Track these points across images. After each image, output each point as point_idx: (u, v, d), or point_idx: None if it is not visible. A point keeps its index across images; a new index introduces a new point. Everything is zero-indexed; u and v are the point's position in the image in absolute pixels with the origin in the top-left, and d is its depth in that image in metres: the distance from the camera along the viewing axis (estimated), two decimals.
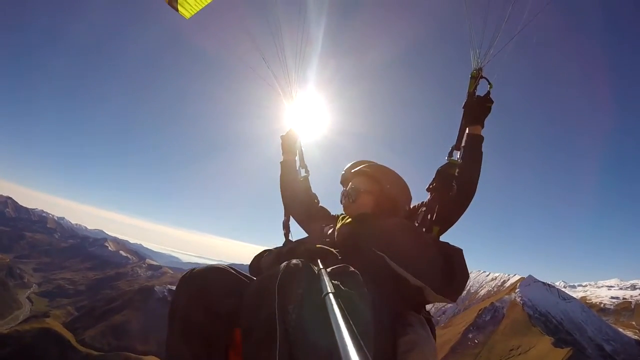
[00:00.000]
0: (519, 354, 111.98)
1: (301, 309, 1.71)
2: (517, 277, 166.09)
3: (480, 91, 3.21)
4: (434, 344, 2.36)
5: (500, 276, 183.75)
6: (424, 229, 2.93)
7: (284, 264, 1.92)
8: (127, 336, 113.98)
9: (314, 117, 4.25)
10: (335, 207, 3.58)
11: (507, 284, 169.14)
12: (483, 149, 3.06)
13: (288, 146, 3.80)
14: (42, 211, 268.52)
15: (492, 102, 3.11)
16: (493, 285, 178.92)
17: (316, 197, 3.72)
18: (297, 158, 3.85)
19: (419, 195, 3.35)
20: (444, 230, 2.93)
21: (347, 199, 3.09)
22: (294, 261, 1.93)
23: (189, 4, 3.99)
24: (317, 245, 2.41)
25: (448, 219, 2.97)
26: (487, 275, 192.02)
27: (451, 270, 2.42)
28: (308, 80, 4.04)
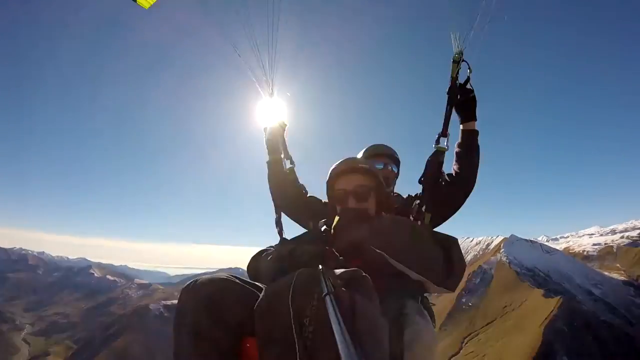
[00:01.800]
0: (513, 310, 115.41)
1: (317, 322, 1.72)
2: (500, 238, 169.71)
3: (464, 75, 3.26)
4: (434, 332, 2.44)
5: (484, 239, 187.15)
6: (419, 222, 3.07)
7: (295, 275, 1.93)
8: (131, 359, 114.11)
9: (289, 109, 3.97)
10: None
11: (492, 245, 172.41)
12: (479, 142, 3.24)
13: (273, 144, 3.68)
14: (21, 249, 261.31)
15: (472, 91, 3.21)
16: (478, 249, 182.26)
17: (304, 188, 3.68)
18: (282, 156, 3.74)
19: (413, 189, 3.57)
20: (436, 218, 3.14)
21: (355, 197, 2.97)
22: (305, 272, 1.93)
23: None
24: (318, 246, 2.41)
25: (444, 212, 3.22)
26: (471, 241, 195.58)
27: (450, 262, 2.46)
28: (284, 73, 3.88)
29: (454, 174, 3.18)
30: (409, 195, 3.62)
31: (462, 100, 3.19)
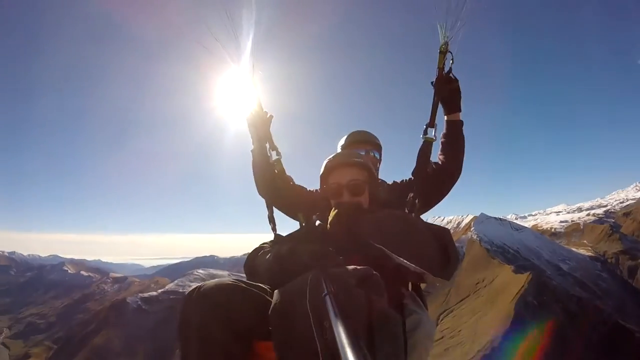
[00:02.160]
0: (485, 286, 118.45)
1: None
2: (470, 217, 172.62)
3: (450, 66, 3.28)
4: (432, 321, 2.48)
5: (454, 218, 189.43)
6: (412, 214, 3.11)
7: (310, 276, 1.93)
8: (112, 355, 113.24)
9: (268, 88, 3.67)
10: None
11: (462, 224, 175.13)
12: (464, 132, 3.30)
13: (257, 130, 3.44)
14: None
15: (456, 81, 3.23)
16: (450, 228, 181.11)
17: (291, 180, 3.57)
18: (267, 145, 3.53)
19: (398, 177, 3.61)
20: (422, 207, 3.19)
21: (350, 192, 2.95)
22: (317, 274, 1.92)
23: None
24: (317, 246, 2.38)
25: (430, 201, 3.28)
26: (442, 220, 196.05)
27: (445, 252, 2.47)
28: (260, 48, 3.53)
29: (440, 164, 3.28)
30: (394, 181, 3.62)
31: (447, 91, 3.25)
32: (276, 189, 3.48)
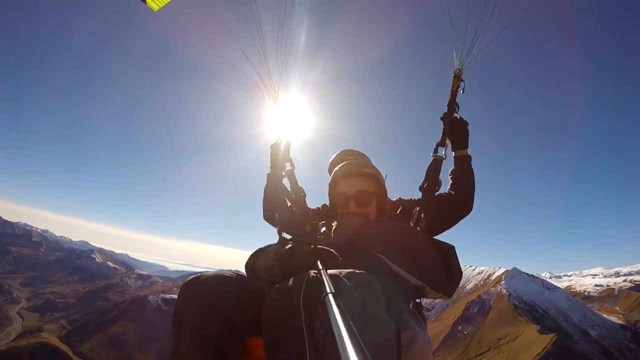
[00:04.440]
0: (507, 342, 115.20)
1: (328, 325, 1.51)
2: (502, 270, 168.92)
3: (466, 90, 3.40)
4: (429, 338, 2.45)
5: (486, 270, 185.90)
6: (418, 228, 3.06)
7: (307, 276, 1.90)
8: (126, 347, 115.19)
9: (298, 118, 3.97)
10: (315, 204, 3.57)
11: (493, 276, 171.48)
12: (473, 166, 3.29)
13: (276, 158, 3.53)
14: (27, 224, 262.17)
15: (467, 124, 3.31)
16: (479, 279, 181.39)
17: (302, 191, 3.44)
18: (282, 172, 3.56)
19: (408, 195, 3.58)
20: (432, 227, 3.09)
21: (357, 202, 2.98)
22: (314, 274, 1.90)
23: None
24: (317, 246, 2.31)
25: (438, 228, 3.15)
26: (474, 270, 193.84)
27: (448, 268, 2.48)
28: (292, 80, 3.82)
29: (450, 198, 3.20)
30: (399, 198, 3.57)
31: (455, 125, 3.29)
32: (277, 212, 3.40)
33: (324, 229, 2.95)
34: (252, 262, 2.68)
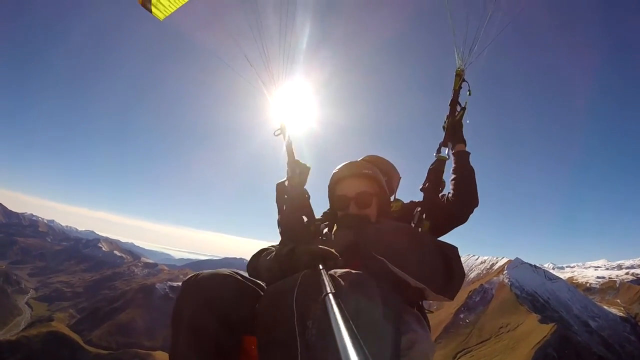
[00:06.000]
0: (508, 331, 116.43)
1: (320, 324, 1.68)
2: (505, 260, 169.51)
3: (464, 90, 3.43)
4: (431, 341, 2.43)
5: (489, 259, 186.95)
6: (419, 229, 3.03)
7: (301, 276, 1.92)
8: (134, 334, 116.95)
9: (300, 109, 3.76)
10: (321, 197, 3.36)
11: (496, 266, 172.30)
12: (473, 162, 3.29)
13: (292, 199, 2.97)
14: (32, 215, 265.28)
15: (462, 109, 3.42)
16: (482, 268, 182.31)
17: (306, 193, 3.07)
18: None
19: (413, 197, 3.51)
20: (436, 230, 3.10)
21: (357, 204, 2.91)
22: (310, 273, 1.92)
23: (162, 4, 3.87)
24: (318, 247, 2.26)
25: (445, 227, 3.18)
26: (477, 259, 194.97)
27: (449, 270, 2.42)
28: (294, 72, 3.61)
29: (452, 197, 3.19)
30: (411, 201, 3.54)
31: (453, 123, 3.39)
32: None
33: (325, 230, 2.98)
34: (254, 262, 2.69)
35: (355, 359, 0.92)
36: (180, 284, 2.23)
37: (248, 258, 2.78)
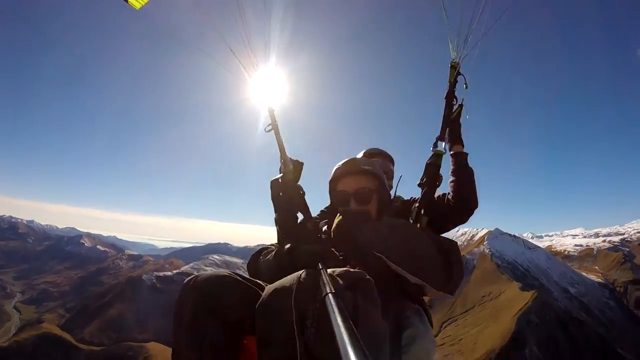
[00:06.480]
0: (491, 300, 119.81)
1: (319, 324, 1.68)
2: (485, 231, 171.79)
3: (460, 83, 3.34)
4: (432, 336, 2.44)
5: (469, 231, 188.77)
6: (418, 225, 3.02)
7: (299, 275, 1.91)
8: (125, 327, 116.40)
9: (277, 87, 3.52)
10: (316, 192, 3.26)
11: (476, 237, 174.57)
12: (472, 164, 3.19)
13: (291, 199, 2.83)
14: (11, 217, 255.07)
15: (460, 107, 3.33)
16: (463, 240, 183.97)
17: (301, 189, 2.92)
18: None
19: (412, 193, 3.46)
20: (435, 226, 3.08)
21: (357, 200, 2.86)
22: (309, 272, 1.91)
23: None
24: (317, 245, 2.30)
25: (445, 227, 3.17)
26: (457, 231, 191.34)
27: (449, 265, 2.39)
28: (271, 50, 3.38)
29: (452, 200, 3.11)
30: (411, 197, 3.54)
31: (449, 119, 3.32)
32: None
33: (325, 227, 2.88)
34: (254, 262, 2.71)
35: (354, 358, 0.91)
36: (167, 273, 2.67)
37: (231, 243, 3.25)
